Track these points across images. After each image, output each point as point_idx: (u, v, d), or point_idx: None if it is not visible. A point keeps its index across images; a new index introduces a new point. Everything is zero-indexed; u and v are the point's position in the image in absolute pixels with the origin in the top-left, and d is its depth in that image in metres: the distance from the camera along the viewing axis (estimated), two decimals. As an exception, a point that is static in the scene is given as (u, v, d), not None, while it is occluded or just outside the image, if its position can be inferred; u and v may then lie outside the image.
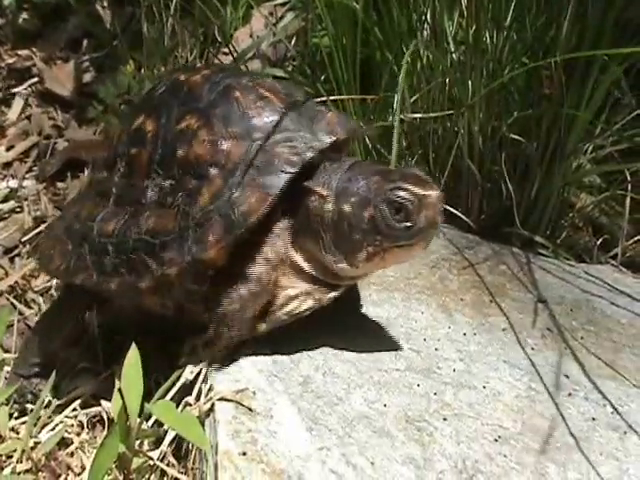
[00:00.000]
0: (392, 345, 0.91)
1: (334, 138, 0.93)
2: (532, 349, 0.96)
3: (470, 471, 0.77)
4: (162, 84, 1.00)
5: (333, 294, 0.91)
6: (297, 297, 0.90)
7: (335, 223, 0.89)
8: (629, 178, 1.29)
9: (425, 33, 1.31)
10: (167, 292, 0.91)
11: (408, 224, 0.86)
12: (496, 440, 0.81)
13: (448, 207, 1.21)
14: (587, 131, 1.31)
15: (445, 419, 0.83)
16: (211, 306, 0.87)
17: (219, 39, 1.66)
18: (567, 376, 0.92)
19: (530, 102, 1.26)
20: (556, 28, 1.19)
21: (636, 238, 1.34)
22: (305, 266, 0.90)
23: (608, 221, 1.31)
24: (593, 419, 0.86)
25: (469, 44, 1.21)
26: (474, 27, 1.20)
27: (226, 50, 1.66)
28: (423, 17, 1.29)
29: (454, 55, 1.26)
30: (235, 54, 1.52)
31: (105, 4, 1.81)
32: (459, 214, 1.24)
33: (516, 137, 1.23)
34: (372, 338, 0.91)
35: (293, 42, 1.68)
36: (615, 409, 0.88)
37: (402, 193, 0.86)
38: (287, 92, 0.97)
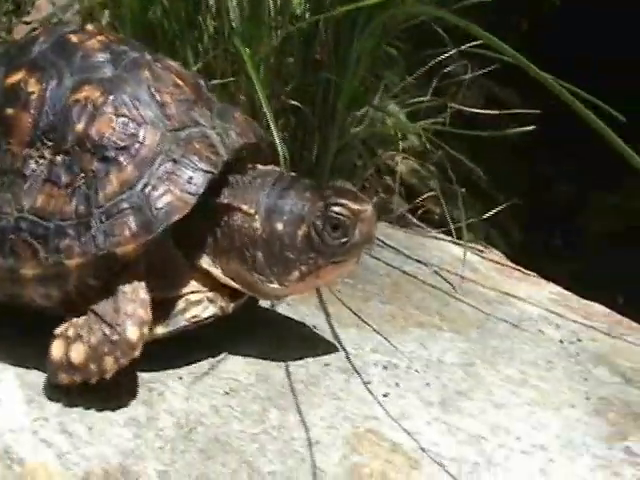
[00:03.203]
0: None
1: (245, 140, 0.87)
2: (288, 304, 0.97)
3: (191, 424, 0.77)
4: (41, 39, 0.86)
5: (238, 302, 0.86)
6: (200, 303, 0.84)
7: (265, 242, 0.83)
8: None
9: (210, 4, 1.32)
10: (56, 283, 0.80)
11: (344, 240, 0.83)
12: (227, 393, 0.81)
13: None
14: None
15: (180, 378, 0.82)
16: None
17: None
18: (314, 326, 0.94)
19: (308, 69, 1.30)
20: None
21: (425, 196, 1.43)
22: (227, 281, 0.84)
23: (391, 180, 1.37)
24: (326, 364, 0.87)
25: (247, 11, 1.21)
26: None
27: (27, 19, 1.62)
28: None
29: (234, 23, 1.28)
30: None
31: None
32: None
33: (295, 103, 1.28)
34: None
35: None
36: (347, 353, 0.89)
37: (338, 209, 0.83)
38: (195, 81, 0.90)
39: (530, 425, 0.83)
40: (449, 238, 1.23)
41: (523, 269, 1.18)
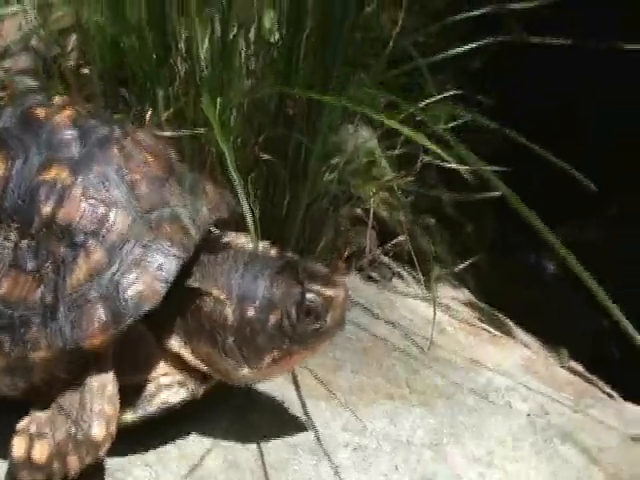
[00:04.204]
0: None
1: (218, 215, 0.85)
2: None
3: None
4: (7, 112, 0.82)
5: (208, 385, 0.83)
6: (170, 387, 0.81)
7: (236, 328, 0.81)
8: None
9: (180, 47, 1.29)
10: (22, 374, 0.77)
11: (317, 326, 0.81)
12: (193, 482, 0.80)
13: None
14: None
15: (147, 465, 0.79)
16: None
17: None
18: (283, 401, 0.91)
19: (279, 122, 1.28)
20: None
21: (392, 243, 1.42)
22: (197, 364, 0.81)
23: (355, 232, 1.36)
24: (295, 446, 0.85)
25: (218, 60, 1.17)
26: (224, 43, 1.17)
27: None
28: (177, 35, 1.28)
29: (205, 72, 1.25)
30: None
31: None
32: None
33: (267, 157, 1.25)
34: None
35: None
36: (316, 432, 0.87)
37: (312, 296, 0.81)
38: (165, 155, 0.86)
39: (497, 512, 0.84)
40: (416, 293, 1.23)
41: (490, 329, 1.19)
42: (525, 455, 0.91)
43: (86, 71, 1.35)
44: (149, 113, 1.25)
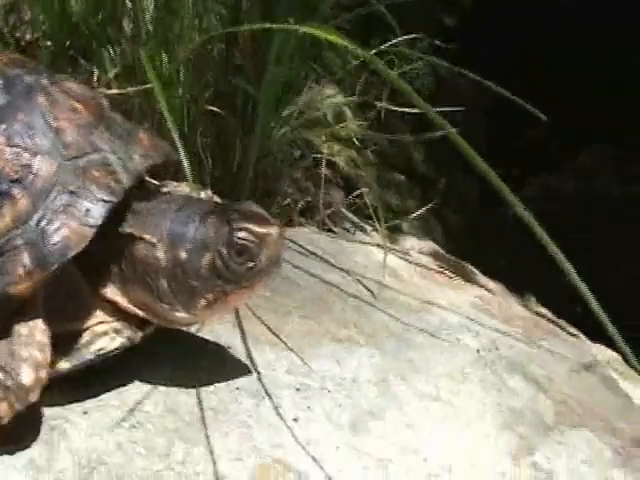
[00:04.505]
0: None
1: (151, 162, 0.83)
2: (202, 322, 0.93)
3: (93, 464, 0.74)
4: None
5: (146, 331, 0.82)
6: (106, 334, 0.80)
7: (169, 271, 0.79)
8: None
9: (126, 5, 1.27)
10: None
11: (250, 265, 0.79)
12: (133, 426, 0.78)
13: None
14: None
15: (85, 412, 0.79)
16: None
17: None
18: (229, 347, 0.91)
19: (228, 73, 1.26)
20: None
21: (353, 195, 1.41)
22: (134, 310, 0.81)
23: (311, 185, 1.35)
24: (237, 389, 0.85)
25: (163, 16, 1.16)
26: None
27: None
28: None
29: (150, 26, 1.23)
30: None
31: None
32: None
33: (216, 109, 1.24)
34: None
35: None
36: (259, 375, 0.87)
37: (243, 234, 0.79)
38: (95, 102, 0.84)
39: (439, 444, 0.82)
40: (374, 242, 1.22)
41: (447, 272, 1.19)
42: (472, 389, 0.90)
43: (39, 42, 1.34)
44: (96, 73, 1.26)
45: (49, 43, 1.30)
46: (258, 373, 0.87)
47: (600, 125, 2.06)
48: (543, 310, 1.22)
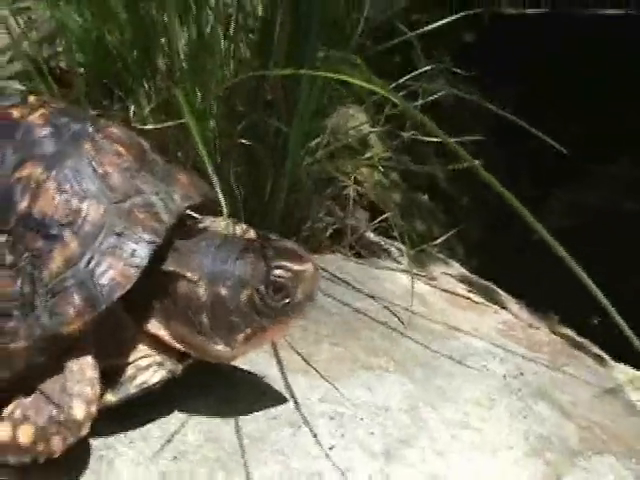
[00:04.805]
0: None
1: (190, 202, 0.88)
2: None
3: None
4: None
5: (186, 363, 0.87)
6: (149, 367, 0.85)
7: (210, 307, 0.84)
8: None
9: (161, 42, 1.32)
10: (5, 365, 0.81)
11: (287, 301, 0.84)
12: (175, 457, 0.82)
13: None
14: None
15: (131, 442, 0.83)
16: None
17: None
18: (264, 376, 0.94)
19: (258, 107, 1.30)
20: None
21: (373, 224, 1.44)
22: (175, 344, 0.85)
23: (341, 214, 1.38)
24: (274, 418, 0.89)
25: (196, 52, 1.20)
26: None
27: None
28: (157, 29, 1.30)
29: (184, 64, 1.28)
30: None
31: None
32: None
33: (247, 142, 1.27)
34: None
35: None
36: (296, 404, 0.90)
37: (280, 272, 0.84)
38: (138, 146, 0.89)
39: (468, 472, 0.85)
40: (401, 267, 1.26)
41: (472, 297, 1.21)
42: (500, 415, 0.93)
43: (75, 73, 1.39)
44: (132, 108, 1.30)
45: (84, 73, 1.36)
46: (296, 402, 0.91)
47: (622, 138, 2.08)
48: (566, 330, 1.25)
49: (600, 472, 0.89)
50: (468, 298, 1.19)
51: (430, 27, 1.31)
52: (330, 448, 0.86)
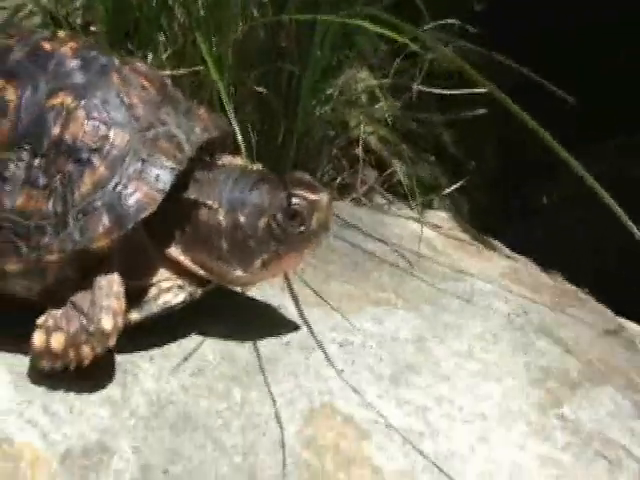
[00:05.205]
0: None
1: (209, 136, 0.92)
2: (255, 287, 1.01)
3: (162, 403, 0.82)
4: (17, 47, 0.90)
5: (206, 288, 0.91)
6: (170, 290, 0.89)
7: (229, 233, 0.88)
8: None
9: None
10: (38, 277, 0.86)
11: (302, 229, 0.88)
12: (194, 373, 0.86)
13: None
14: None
15: (152, 359, 0.88)
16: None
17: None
18: (279, 306, 0.99)
19: (272, 56, 1.33)
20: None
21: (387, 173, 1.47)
22: (195, 269, 0.89)
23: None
24: (288, 343, 0.93)
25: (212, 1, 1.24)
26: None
27: (4, 4, 1.64)
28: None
29: (201, 12, 1.30)
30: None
31: None
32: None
33: (261, 90, 1.31)
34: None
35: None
36: (310, 329, 0.94)
37: (296, 200, 0.88)
38: (161, 81, 0.94)
39: (473, 396, 0.90)
40: (409, 215, 1.29)
41: (478, 243, 1.25)
42: (502, 348, 0.97)
43: (94, 28, 1.42)
44: (150, 56, 1.33)
45: (101, 27, 1.39)
46: (309, 327, 0.95)
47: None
48: (570, 286, 1.28)
49: (600, 401, 0.92)
50: (473, 245, 1.24)
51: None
52: (340, 371, 0.90)
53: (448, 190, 1.39)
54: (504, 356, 0.96)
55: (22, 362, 0.85)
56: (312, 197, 0.89)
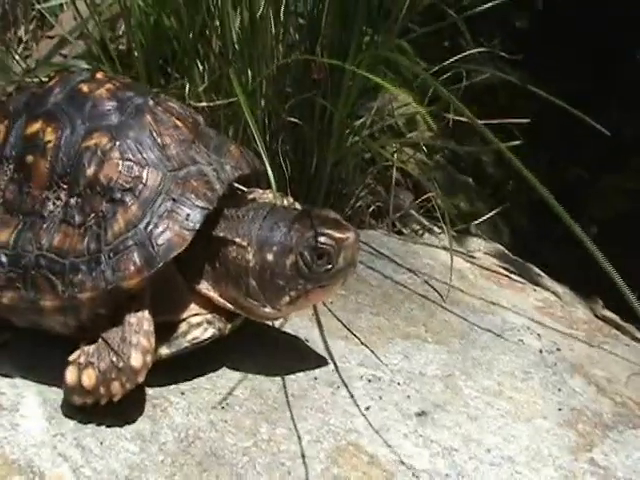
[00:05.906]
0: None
1: (240, 173, 0.95)
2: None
3: (190, 438, 0.84)
4: (57, 90, 0.94)
5: (235, 323, 0.93)
6: (200, 325, 0.91)
7: (257, 271, 0.90)
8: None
9: (215, 25, 1.37)
10: (72, 313, 0.89)
11: (329, 267, 0.90)
12: (223, 407, 0.88)
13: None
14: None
15: (182, 393, 0.89)
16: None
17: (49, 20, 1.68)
18: (306, 339, 0.99)
19: (305, 87, 1.34)
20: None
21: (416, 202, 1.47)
22: (225, 305, 0.91)
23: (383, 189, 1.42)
24: (315, 378, 0.93)
25: (248, 35, 1.27)
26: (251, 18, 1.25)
27: (51, 33, 1.69)
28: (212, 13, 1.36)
29: (236, 46, 1.33)
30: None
31: None
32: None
33: (294, 120, 1.32)
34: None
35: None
36: (336, 366, 0.95)
37: (323, 239, 0.90)
38: (193, 120, 0.97)
39: (501, 437, 0.89)
40: (441, 244, 1.29)
41: (511, 275, 1.24)
42: (534, 387, 0.96)
43: (135, 53, 1.46)
44: (187, 87, 1.36)
45: (142, 55, 1.42)
46: (335, 365, 0.96)
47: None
48: (610, 314, 1.26)
49: (633, 445, 0.90)
50: (507, 276, 1.22)
51: (478, 9, 1.34)
52: (367, 408, 0.90)
53: (484, 217, 1.38)
54: (535, 395, 0.95)
55: (56, 394, 0.88)
56: (339, 235, 0.90)
